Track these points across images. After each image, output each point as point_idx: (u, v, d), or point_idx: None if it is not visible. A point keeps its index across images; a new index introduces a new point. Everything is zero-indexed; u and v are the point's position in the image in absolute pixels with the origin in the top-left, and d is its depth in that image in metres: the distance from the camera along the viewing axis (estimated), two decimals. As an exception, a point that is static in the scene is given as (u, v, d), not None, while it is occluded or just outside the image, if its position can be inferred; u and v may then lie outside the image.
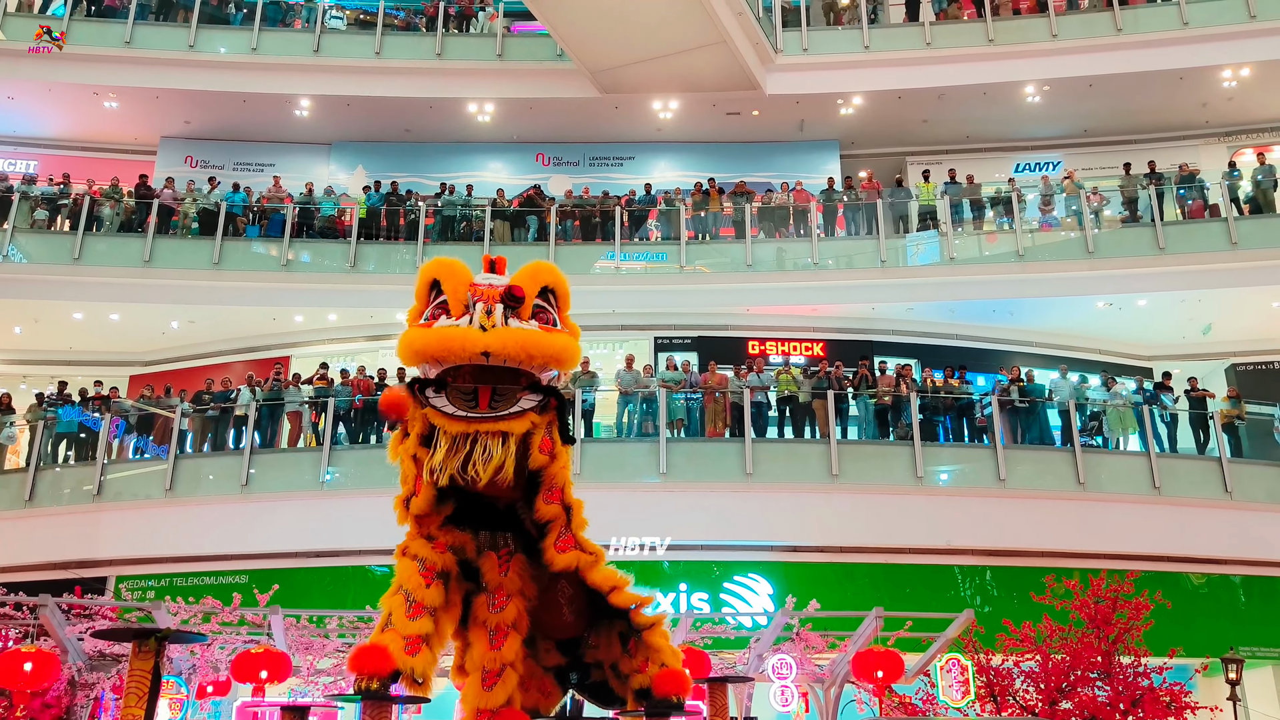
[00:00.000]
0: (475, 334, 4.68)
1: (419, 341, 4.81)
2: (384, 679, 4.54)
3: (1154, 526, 15.30)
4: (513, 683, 4.97)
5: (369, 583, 14.60)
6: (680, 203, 20.50)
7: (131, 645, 4.39)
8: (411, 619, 4.81)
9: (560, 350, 4.92)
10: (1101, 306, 19.96)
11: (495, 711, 4.89)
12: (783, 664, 12.30)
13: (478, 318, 4.74)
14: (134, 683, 4.35)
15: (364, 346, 21.16)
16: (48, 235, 19.93)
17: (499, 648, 4.99)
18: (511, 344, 4.72)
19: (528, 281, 5.02)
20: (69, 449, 17.18)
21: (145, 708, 4.31)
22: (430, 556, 5.00)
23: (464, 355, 4.70)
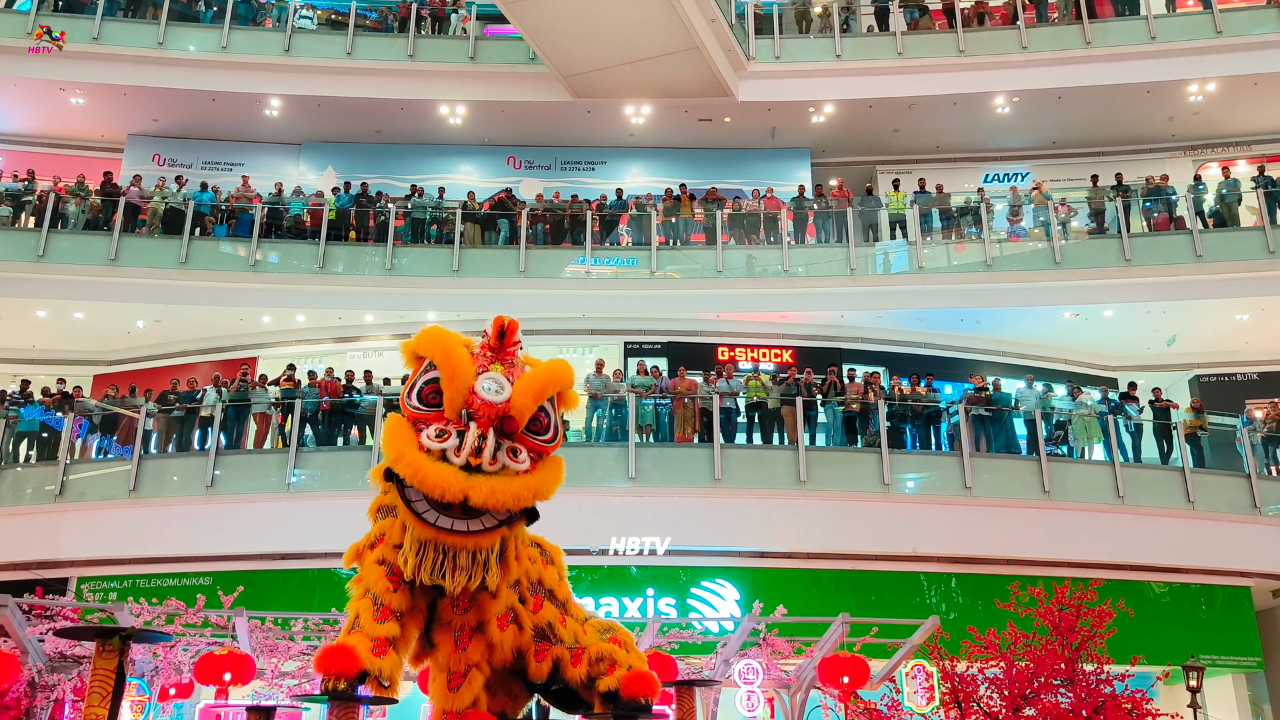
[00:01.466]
0: (458, 480, 4.72)
1: (412, 467, 4.79)
2: (351, 679, 4.52)
3: (1117, 535, 15.48)
4: (478, 684, 4.97)
5: (334, 585, 14.47)
6: (651, 208, 20.55)
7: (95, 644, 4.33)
8: (379, 622, 4.80)
9: (539, 493, 4.98)
10: (1068, 317, 20.21)
11: (461, 712, 4.88)
12: (749, 669, 12.34)
13: (469, 442, 4.75)
14: (97, 682, 4.29)
15: (332, 348, 21.00)
16: (11, 232, 19.64)
17: (464, 648, 4.99)
18: (493, 500, 4.77)
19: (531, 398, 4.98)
20: (30, 448, 16.94)
21: (109, 708, 4.25)
22: (396, 562, 4.99)
23: (447, 498, 4.74)
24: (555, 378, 5.14)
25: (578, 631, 5.38)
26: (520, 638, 5.20)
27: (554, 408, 5.16)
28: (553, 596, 5.46)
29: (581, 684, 5.27)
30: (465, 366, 4.94)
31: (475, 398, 4.85)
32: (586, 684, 5.26)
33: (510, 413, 4.85)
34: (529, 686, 5.45)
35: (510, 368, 5.09)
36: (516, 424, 4.91)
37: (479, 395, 4.86)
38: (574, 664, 5.24)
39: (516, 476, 4.83)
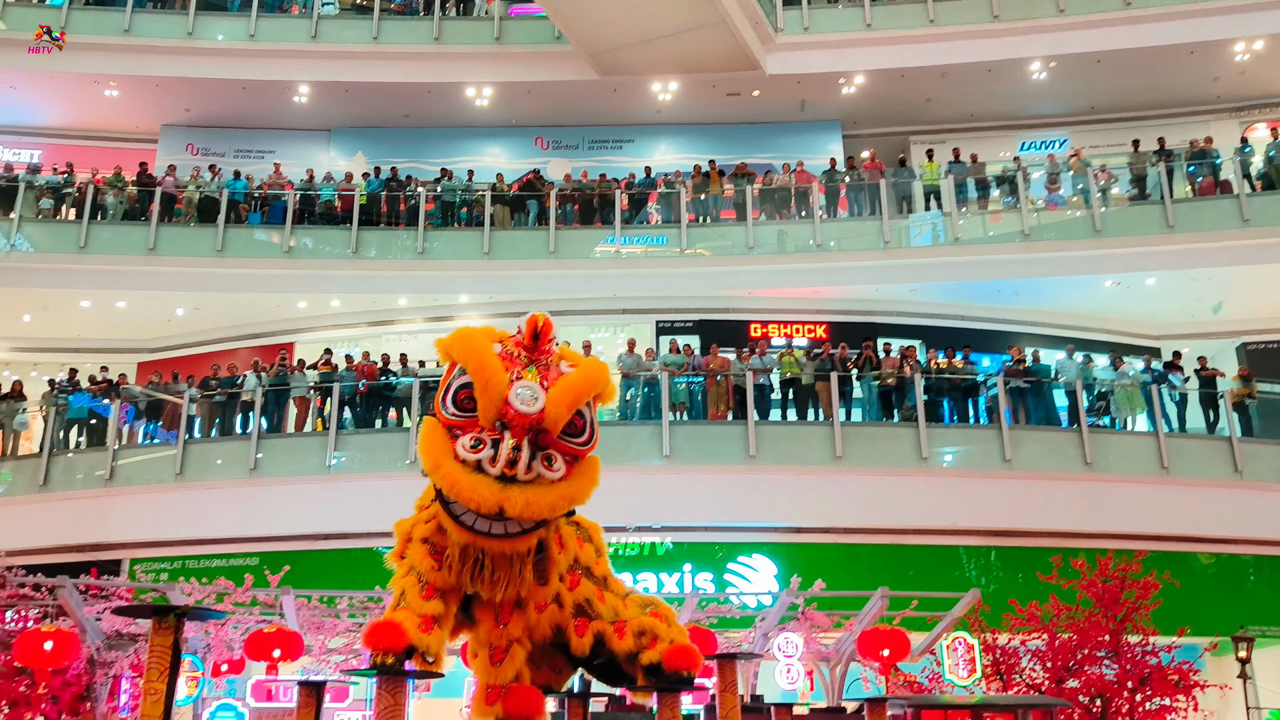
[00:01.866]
0: (493, 492, 4.72)
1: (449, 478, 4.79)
2: (398, 654, 4.60)
3: (1162, 506, 15.30)
4: (520, 659, 5.03)
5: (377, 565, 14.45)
6: (680, 185, 20.48)
7: (151, 622, 4.44)
8: (425, 600, 4.88)
9: (574, 500, 4.99)
10: (1109, 285, 19.92)
11: (505, 686, 4.95)
12: (788, 643, 12.39)
13: (504, 454, 4.74)
14: (155, 658, 4.40)
15: (367, 332, 21.19)
16: (53, 224, 19.99)
17: (505, 624, 5.05)
18: (527, 512, 4.78)
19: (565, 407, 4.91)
20: (80, 435, 17.29)
21: (166, 682, 4.36)
22: (439, 541, 5.05)
23: (482, 509, 4.77)
24: (590, 383, 5.06)
25: (618, 606, 5.41)
26: (559, 615, 5.25)
27: (590, 408, 5.11)
28: (590, 573, 5.50)
29: (625, 657, 5.31)
30: (498, 376, 4.86)
31: (509, 408, 4.81)
32: (629, 657, 5.31)
33: (545, 424, 4.83)
34: (572, 660, 5.51)
35: (545, 370, 5.01)
36: (549, 441, 4.89)
37: (513, 406, 4.81)
38: (619, 636, 5.29)
39: (552, 486, 4.82)
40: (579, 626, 5.30)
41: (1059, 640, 12.57)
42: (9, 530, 15.38)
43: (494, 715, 4.90)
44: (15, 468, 17.00)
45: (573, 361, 5.14)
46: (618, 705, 10.79)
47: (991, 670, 12.74)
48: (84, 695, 11.48)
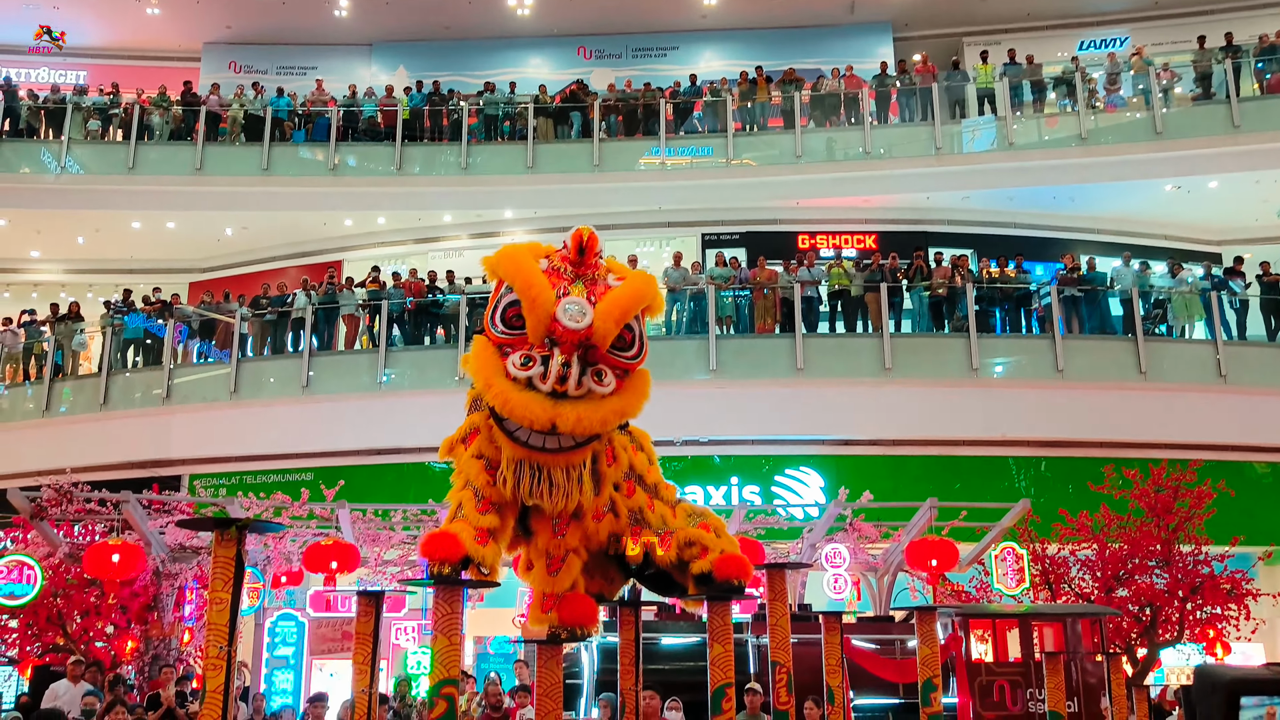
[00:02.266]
0: (545, 408, 4.73)
1: (500, 396, 4.82)
2: (455, 565, 4.68)
3: (1219, 415, 15.06)
4: (576, 568, 5.11)
5: (429, 479, 14.92)
6: (727, 93, 20.04)
7: (214, 534, 4.55)
8: (481, 513, 4.95)
9: (626, 413, 5.01)
10: (1169, 190, 19.34)
11: (560, 595, 5.03)
12: (836, 553, 12.49)
13: (553, 375, 4.72)
14: (219, 569, 4.53)
15: (413, 249, 21.25)
16: (102, 145, 20.12)
17: (562, 534, 5.12)
18: (580, 427, 4.79)
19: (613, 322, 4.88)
20: (136, 354, 17.65)
21: (231, 592, 4.49)
22: (495, 456, 5.09)
23: (534, 426, 4.78)
24: (638, 296, 5.03)
25: (666, 515, 5.46)
26: (616, 524, 5.30)
27: (639, 321, 5.07)
28: (642, 481, 5.54)
29: (671, 566, 5.37)
30: (545, 294, 4.84)
31: (557, 324, 4.79)
32: (678, 566, 5.36)
33: (593, 340, 4.81)
34: (624, 570, 5.59)
35: (592, 284, 4.96)
36: (598, 356, 4.88)
37: (561, 322, 4.78)
38: (662, 546, 5.34)
39: (603, 401, 4.83)
40: (634, 533, 5.36)
41: (1109, 550, 12.54)
42: (72, 448, 15.85)
43: (549, 623, 5.00)
44: (76, 387, 17.45)
45: (620, 275, 5.09)
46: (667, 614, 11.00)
47: (1040, 580, 12.78)
48: (151, 605, 11.94)
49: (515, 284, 4.89)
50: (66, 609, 11.65)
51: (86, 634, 11.70)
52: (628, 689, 6.14)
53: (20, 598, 11.11)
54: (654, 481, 5.60)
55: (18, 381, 17.85)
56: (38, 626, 11.64)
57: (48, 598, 11.47)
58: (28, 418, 17.27)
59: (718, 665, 5.38)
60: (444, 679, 4.63)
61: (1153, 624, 12.32)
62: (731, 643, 5.49)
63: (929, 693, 6.55)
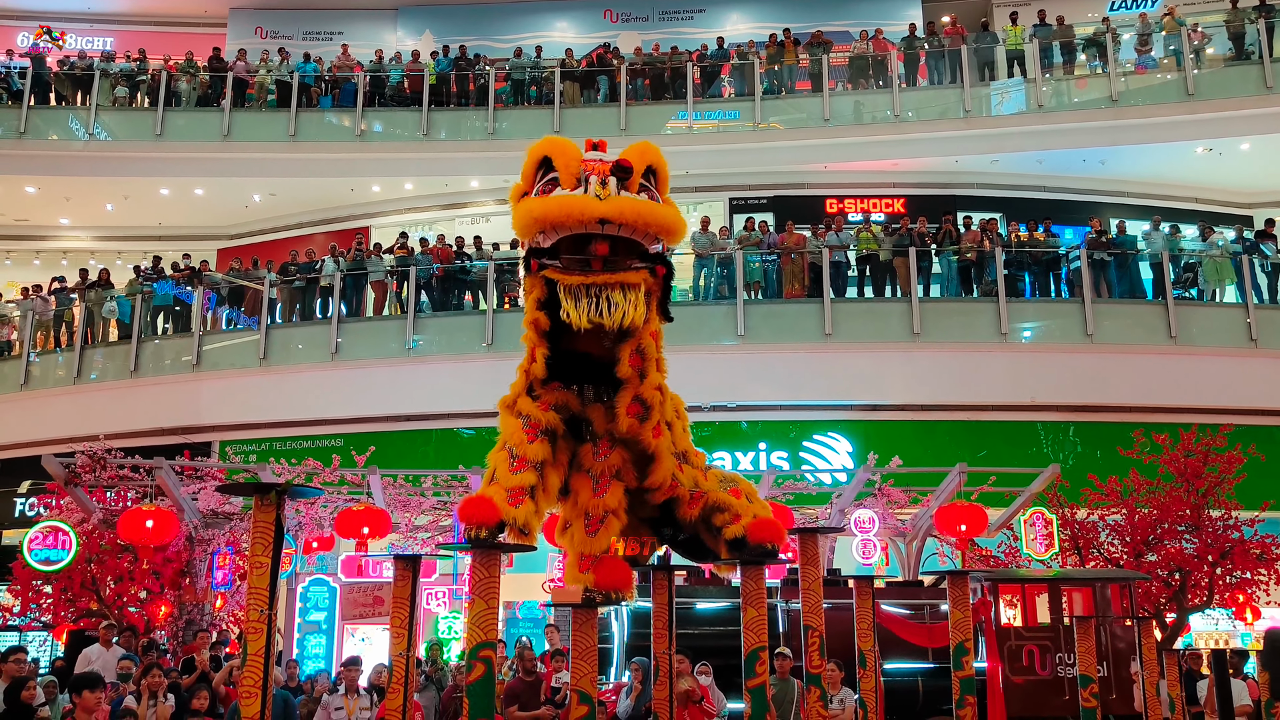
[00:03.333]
0: (593, 201, 4.74)
1: (539, 209, 4.83)
2: (491, 528, 4.72)
3: (1250, 379, 14.92)
4: (615, 529, 5.13)
5: (458, 444, 15.05)
6: (754, 56, 19.84)
7: (255, 499, 4.61)
8: (514, 472, 4.97)
9: (672, 221, 4.97)
10: (1200, 152, 19.06)
11: (598, 556, 5.06)
12: (866, 519, 12.51)
13: (593, 189, 4.76)
14: (259, 533, 4.59)
15: (440, 215, 21.27)
16: (130, 112, 20.19)
17: (602, 495, 5.14)
18: (629, 211, 4.76)
19: (635, 159, 5.01)
20: (166, 321, 17.79)
21: (271, 556, 4.55)
22: (535, 413, 5.12)
23: (582, 221, 4.74)
24: (650, 147, 5.18)
25: (697, 476, 5.47)
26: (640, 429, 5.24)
27: (655, 185, 5.13)
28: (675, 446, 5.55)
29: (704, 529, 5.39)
30: (575, 146, 5.08)
31: (588, 161, 4.96)
32: (711, 531, 5.39)
33: (624, 161, 4.91)
34: (658, 535, 5.62)
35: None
36: (630, 164, 4.93)
37: (590, 159, 4.97)
38: (690, 505, 5.36)
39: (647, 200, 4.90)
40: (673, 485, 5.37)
41: (1138, 515, 12.51)
42: (104, 414, 16.05)
43: (585, 583, 5.03)
44: (107, 354, 17.63)
45: None
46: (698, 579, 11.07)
47: (1069, 545, 12.77)
48: (184, 570, 12.12)
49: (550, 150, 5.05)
50: (100, 574, 11.83)
51: (120, 599, 11.89)
52: (661, 653, 6.20)
53: (56, 563, 11.31)
54: (685, 448, 5.62)
55: (49, 349, 18.05)
56: (72, 592, 11.83)
57: (82, 563, 11.65)
58: (59, 384, 17.47)
59: (752, 629, 5.42)
60: (481, 642, 4.69)
61: (1182, 589, 12.31)
62: (765, 607, 5.53)
63: (960, 656, 6.58)
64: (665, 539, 5.70)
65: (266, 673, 4.47)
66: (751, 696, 5.39)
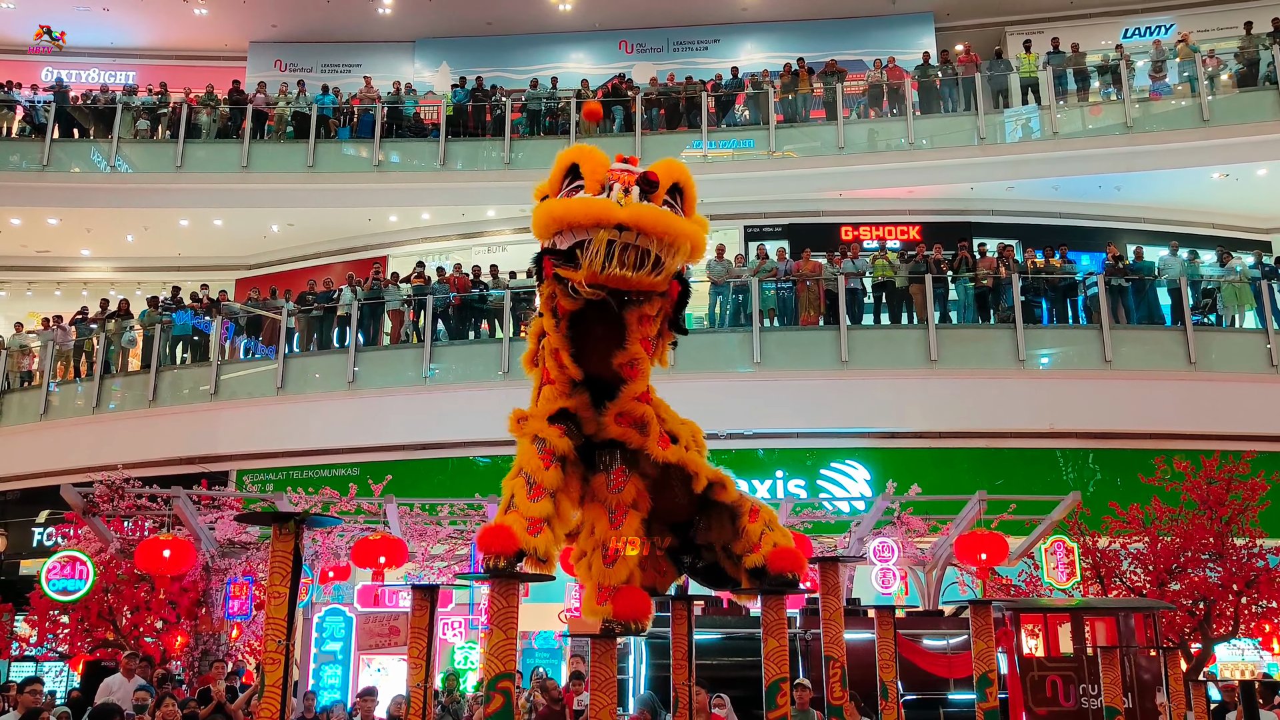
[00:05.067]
0: (614, 206, 4.67)
1: (559, 208, 4.77)
2: (510, 558, 4.68)
3: (1272, 405, 14.78)
4: (633, 560, 5.08)
5: (474, 473, 15.04)
6: (768, 85, 19.95)
7: (274, 529, 4.60)
8: (533, 500, 4.91)
9: (692, 235, 4.87)
10: (1217, 178, 18.99)
11: (616, 588, 5.01)
12: (884, 547, 12.42)
13: (615, 195, 4.71)
14: (277, 563, 4.57)
15: (458, 244, 21.39)
16: (150, 144, 20.43)
17: (618, 525, 5.09)
18: (648, 218, 4.67)
19: (662, 174, 4.96)
20: (184, 351, 17.90)
21: (289, 586, 4.54)
22: (550, 439, 5.07)
23: (602, 223, 4.64)
24: (677, 165, 5.12)
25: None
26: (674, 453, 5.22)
27: (680, 203, 5.04)
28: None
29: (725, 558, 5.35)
30: (604, 157, 5.02)
31: (614, 170, 4.91)
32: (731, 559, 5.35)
33: (650, 174, 4.86)
34: (677, 564, 5.58)
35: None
36: (656, 177, 4.87)
37: (616, 168, 4.93)
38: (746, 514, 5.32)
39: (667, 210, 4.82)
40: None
41: (1161, 543, 12.35)
42: (123, 444, 16.12)
43: (604, 615, 4.98)
44: (125, 383, 17.73)
45: None
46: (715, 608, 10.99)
47: (1091, 573, 12.61)
48: (200, 600, 12.09)
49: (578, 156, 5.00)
50: (117, 604, 11.81)
51: (137, 629, 11.86)
52: (680, 685, 6.13)
53: (73, 593, 11.31)
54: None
55: (68, 379, 18.17)
56: (89, 622, 11.80)
57: (99, 593, 11.64)
58: (79, 414, 17.58)
59: (772, 660, 5.36)
60: (500, 673, 4.65)
61: (1207, 618, 12.13)
62: (786, 637, 5.47)
63: (985, 687, 6.49)
64: (684, 568, 5.66)
65: (284, 704, 4.44)
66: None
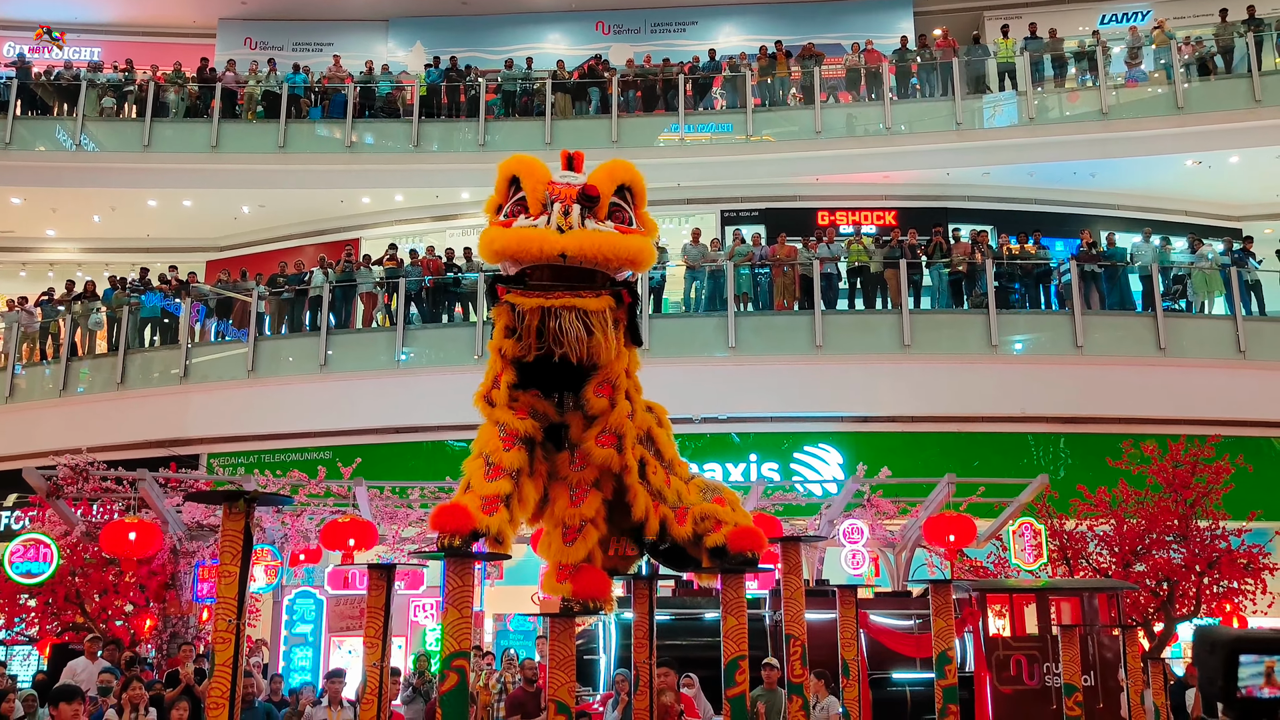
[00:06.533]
0: (553, 235, 4.64)
1: (499, 241, 4.78)
2: (464, 537, 4.65)
3: (1238, 391, 14.93)
4: (593, 539, 5.07)
5: (446, 457, 14.98)
6: (746, 68, 19.88)
7: (224, 508, 4.55)
8: (489, 480, 4.89)
9: (636, 252, 4.85)
10: (1190, 165, 19.09)
11: (576, 566, 5.00)
12: (854, 529, 12.47)
13: (555, 218, 4.69)
14: (228, 543, 4.53)
15: (431, 227, 21.23)
16: (117, 123, 20.13)
17: (579, 504, 5.08)
18: (589, 246, 4.66)
19: (604, 180, 4.94)
20: (154, 334, 17.70)
21: (240, 565, 4.49)
22: (511, 422, 5.05)
23: (542, 256, 4.65)
24: (622, 165, 5.13)
25: (682, 490, 5.43)
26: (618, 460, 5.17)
27: (630, 203, 5.05)
28: (660, 456, 5.51)
29: (688, 541, 5.35)
30: (544, 168, 5.01)
31: (555, 185, 4.89)
32: (693, 541, 5.34)
33: (589, 189, 4.83)
34: (640, 544, 5.57)
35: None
36: (596, 191, 4.85)
37: (557, 182, 4.90)
38: (679, 522, 5.31)
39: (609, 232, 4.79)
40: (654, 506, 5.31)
41: (1127, 525, 12.47)
42: (90, 427, 15.93)
43: (563, 593, 4.97)
44: (93, 366, 17.53)
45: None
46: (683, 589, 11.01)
47: (1058, 555, 12.72)
48: (169, 583, 12.00)
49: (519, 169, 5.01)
50: (85, 588, 11.71)
51: (105, 612, 11.77)
52: (641, 663, 6.13)
53: (37, 576, 11.19)
54: (670, 458, 5.58)
55: (34, 361, 17.95)
56: (56, 605, 11.71)
57: (65, 576, 11.53)
58: (45, 397, 17.38)
59: (731, 638, 5.37)
60: (455, 652, 4.63)
61: (1169, 598, 12.26)
62: (745, 615, 5.47)
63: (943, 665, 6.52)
64: (646, 548, 5.65)
65: (234, 683, 4.39)
66: (731, 706, 5.32)
